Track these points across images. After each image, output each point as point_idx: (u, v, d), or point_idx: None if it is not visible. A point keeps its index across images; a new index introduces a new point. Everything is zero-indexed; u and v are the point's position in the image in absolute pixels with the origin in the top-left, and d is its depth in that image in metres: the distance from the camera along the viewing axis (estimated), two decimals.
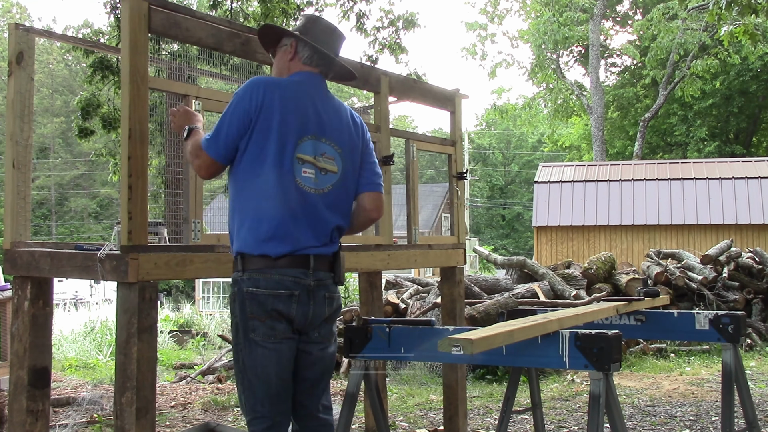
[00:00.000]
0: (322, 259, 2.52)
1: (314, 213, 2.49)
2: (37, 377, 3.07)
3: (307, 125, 2.49)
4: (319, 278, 2.51)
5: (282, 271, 2.44)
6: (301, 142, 2.47)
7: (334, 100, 2.64)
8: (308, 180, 2.48)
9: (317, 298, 2.51)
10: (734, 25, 8.15)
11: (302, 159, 2.47)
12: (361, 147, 2.66)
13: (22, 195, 3.20)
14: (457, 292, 4.52)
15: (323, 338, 2.58)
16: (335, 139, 2.56)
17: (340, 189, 2.57)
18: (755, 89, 26.83)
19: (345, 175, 2.58)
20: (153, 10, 2.78)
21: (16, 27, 3.21)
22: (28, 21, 41.08)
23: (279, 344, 2.45)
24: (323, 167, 2.52)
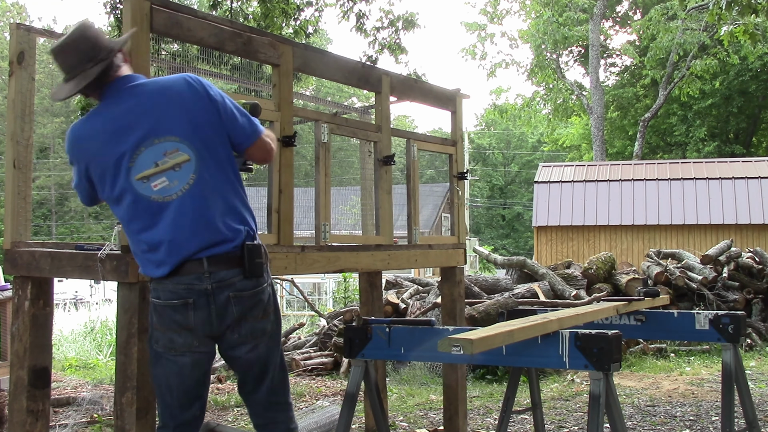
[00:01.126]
0: (219, 258, 2.34)
1: (191, 214, 2.33)
2: (38, 377, 3.07)
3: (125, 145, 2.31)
4: (219, 279, 2.34)
5: (175, 280, 2.34)
6: (132, 164, 2.32)
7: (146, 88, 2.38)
8: (165, 190, 2.32)
9: (219, 300, 2.35)
10: (734, 25, 8.15)
11: (145, 177, 2.31)
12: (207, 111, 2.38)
13: (22, 195, 3.20)
14: (457, 292, 4.52)
15: (245, 339, 2.42)
16: (162, 132, 2.32)
17: (207, 169, 2.36)
18: (755, 89, 26.83)
19: (201, 155, 2.35)
20: (155, 9, 2.78)
21: (18, 27, 3.21)
22: (28, 21, 41.08)
23: (180, 356, 2.37)
24: (174, 163, 2.32)
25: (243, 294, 2.38)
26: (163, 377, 2.42)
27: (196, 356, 2.40)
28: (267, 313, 2.46)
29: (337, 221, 24.36)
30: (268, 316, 2.47)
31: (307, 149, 29.18)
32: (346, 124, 3.90)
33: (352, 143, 31.16)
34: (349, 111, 5.62)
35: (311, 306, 11.67)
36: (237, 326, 2.40)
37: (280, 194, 3.26)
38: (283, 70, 3.33)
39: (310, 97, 13.31)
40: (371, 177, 4.29)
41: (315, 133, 3.56)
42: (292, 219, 3.32)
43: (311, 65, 3.61)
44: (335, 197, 14.84)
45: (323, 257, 3.49)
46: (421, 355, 2.96)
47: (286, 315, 16.74)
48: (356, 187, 26.60)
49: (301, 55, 3.49)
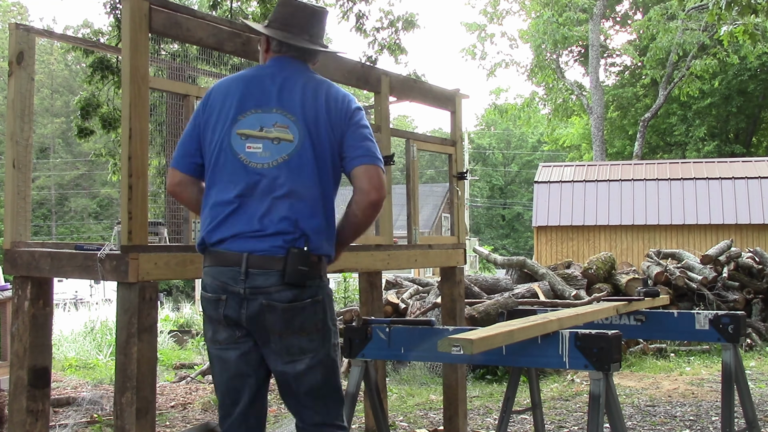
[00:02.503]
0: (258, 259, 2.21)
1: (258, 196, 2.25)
2: (37, 377, 3.07)
3: (248, 101, 2.33)
4: (255, 285, 2.20)
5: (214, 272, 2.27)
6: (241, 118, 2.31)
7: (303, 76, 2.43)
8: (253, 155, 2.28)
9: (252, 307, 2.23)
10: (734, 25, 8.15)
11: (245, 134, 2.30)
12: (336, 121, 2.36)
13: (22, 195, 3.20)
14: (457, 292, 4.52)
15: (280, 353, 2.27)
16: (287, 107, 2.32)
17: (300, 158, 2.29)
18: (754, 89, 26.83)
19: (304, 143, 2.30)
20: (154, 10, 2.78)
21: (17, 27, 3.21)
22: (29, 21, 41.08)
23: (224, 351, 2.32)
24: (276, 136, 2.29)
25: (278, 304, 2.22)
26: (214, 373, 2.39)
27: (243, 348, 2.30)
28: (308, 330, 2.26)
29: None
30: (310, 334, 2.27)
31: None
32: None
33: None
34: None
35: None
36: (270, 338, 2.26)
37: None
38: None
39: None
40: None
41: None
42: None
43: None
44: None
45: None
46: (421, 355, 2.96)
47: None
48: None
49: None
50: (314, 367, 2.30)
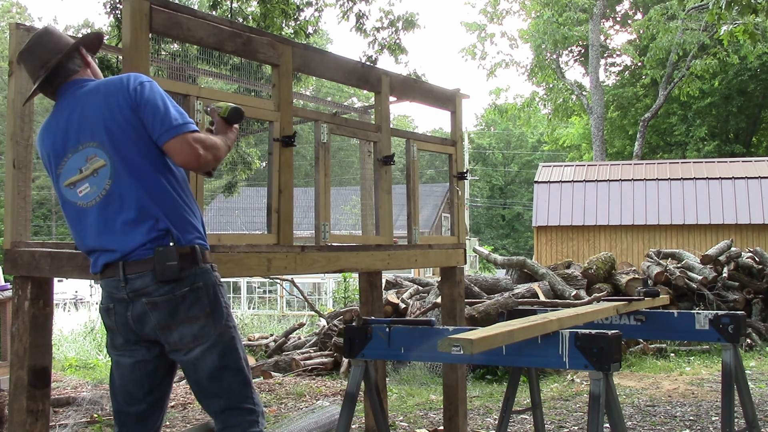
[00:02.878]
0: (133, 265, 2.31)
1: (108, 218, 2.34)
2: (37, 377, 3.06)
3: (59, 151, 2.41)
4: (135, 288, 2.31)
5: (103, 284, 2.41)
6: (61, 170, 2.41)
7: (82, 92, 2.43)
8: (86, 196, 2.36)
9: (136, 308, 2.33)
10: (734, 25, 8.15)
11: (72, 183, 2.39)
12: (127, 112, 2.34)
13: (22, 195, 3.20)
14: (457, 292, 4.52)
15: (178, 345, 2.34)
16: (85, 136, 2.36)
17: (120, 176, 2.33)
18: (754, 89, 26.83)
19: (114, 160, 2.33)
20: (154, 9, 2.78)
21: (17, 27, 3.21)
22: (29, 21, 41.07)
23: (119, 356, 2.43)
24: (93, 169, 2.35)
25: (157, 300, 2.31)
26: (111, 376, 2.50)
27: (135, 354, 2.41)
28: (195, 317, 2.34)
29: (337, 221, 24.36)
30: (198, 320, 2.34)
31: (307, 149, 29.17)
32: (345, 124, 3.90)
33: (352, 143, 31.16)
34: (349, 111, 5.63)
35: (311, 306, 11.67)
36: (164, 333, 2.34)
37: (280, 194, 3.26)
38: (283, 70, 3.33)
39: (310, 97, 13.31)
40: (371, 177, 4.29)
41: (315, 133, 3.55)
42: (291, 219, 3.32)
43: (311, 65, 3.61)
44: (335, 197, 14.77)
45: (323, 257, 3.49)
46: (421, 355, 2.96)
47: (287, 315, 16.76)
48: (356, 187, 26.59)
49: (300, 55, 3.49)
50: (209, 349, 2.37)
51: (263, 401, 6.24)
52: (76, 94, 2.44)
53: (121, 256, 2.31)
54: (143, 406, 2.45)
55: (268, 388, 6.87)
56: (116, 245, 2.32)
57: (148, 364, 2.42)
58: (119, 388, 2.46)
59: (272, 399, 6.43)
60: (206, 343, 2.35)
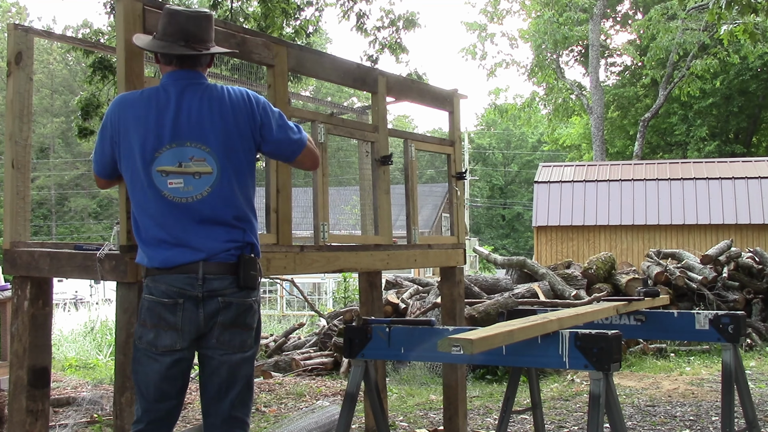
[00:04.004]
0: (214, 267, 2.42)
1: (193, 221, 2.42)
2: (37, 377, 3.06)
3: (163, 136, 2.42)
4: (211, 288, 2.41)
5: (169, 280, 2.40)
6: (158, 155, 2.42)
7: (205, 92, 2.50)
8: (176, 190, 2.41)
9: (208, 307, 2.42)
10: (734, 25, 8.15)
11: (165, 171, 2.41)
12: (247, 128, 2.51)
13: (21, 195, 3.20)
14: (457, 292, 4.51)
15: (224, 344, 2.46)
16: (200, 138, 2.44)
17: (222, 187, 2.45)
18: (755, 89, 26.83)
19: (224, 171, 2.46)
20: (147, 10, 2.78)
21: (15, 27, 3.21)
22: (28, 21, 41.08)
23: (161, 356, 2.43)
24: (195, 171, 2.43)
25: (232, 303, 2.44)
26: (142, 374, 2.47)
27: (176, 356, 2.44)
28: (250, 327, 2.51)
29: (336, 221, 24.34)
30: (251, 330, 2.52)
31: None
32: (343, 124, 3.90)
33: (351, 143, 31.16)
34: (347, 111, 5.62)
35: (311, 306, 11.67)
36: (221, 332, 2.45)
37: (278, 194, 3.26)
38: (278, 71, 3.33)
39: (309, 97, 13.31)
40: (370, 177, 4.29)
41: (312, 133, 3.55)
42: (290, 219, 3.32)
43: (306, 66, 3.60)
44: (335, 197, 14.65)
45: (322, 257, 3.49)
46: (421, 355, 2.96)
47: (287, 315, 16.75)
48: (356, 187, 26.61)
49: (295, 56, 3.49)
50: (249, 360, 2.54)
51: (263, 401, 6.24)
52: (199, 88, 2.49)
53: (205, 256, 2.40)
54: (174, 402, 2.50)
55: (268, 388, 6.87)
56: (202, 245, 2.41)
57: (185, 363, 2.47)
58: (152, 385, 2.45)
59: (272, 399, 6.43)
60: (248, 352, 2.51)
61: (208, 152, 2.44)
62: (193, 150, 2.43)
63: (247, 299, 2.47)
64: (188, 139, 2.43)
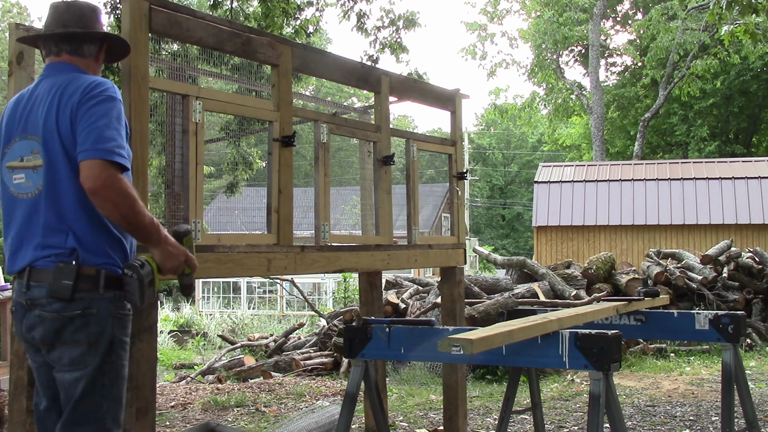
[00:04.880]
0: (37, 273, 2.23)
1: (31, 220, 2.27)
2: None
3: (13, 128, 2.33)
4: (32, 297, 2.23)
5: (15, 285, 2.34)
6: (8, 150, 2.32)
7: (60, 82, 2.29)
8: (20, 186, 2.29)
9: (29, 318, 2.27)
10: (735, 25, 8.15)
11: (11, 167, 2.31)
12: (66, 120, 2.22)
13: None
14: (457, 292, 4.52)
15: (55, 362, 2.26)
16: (34, 129, 2.27)
17: (52, 182, 2.24)
18: (755, 89, 26.81)
19: (50, 165, 2.24)
20: (153, 10, 2.78)
21: (17, 27, 3.20)
22: (29, 21, 41.07)
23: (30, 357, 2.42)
24: (33, 165, 2.27)
25: (47, 316, 2.22)
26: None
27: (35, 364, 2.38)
28: (79, 342, 2.22)
29: (337, 221, 24.34)
30: (81, 345, 2.23)
31: (307, 149, 29.17)
32: (345, 124, 3.90)
33: (352, 143, 31.16)
34: (349, 111, 5.62)
35: (311, 306, 11.68)
36: (47, 348, 2.27)
37: (280, 194, 3.26)
38: (282, 70, 3.33)
39: (310, 97, 13.32)
40: (371, 177, 4.29)
41: (314, 133, 3.55)
42: (291, 219, 3.32)
43: (310, 65, 3.61)
44: (335, 197, 14.67)
45: (323, 257, 3.49)
46: (421, 355, 2.96)
47: (287, 315, 16.76)
48: (356, 187, 26.61)
49: (300, 56, 3.49)
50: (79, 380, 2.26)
51: (264, 401, 6.24)
52: (58, 78, 2.31)
53: (30, 261, 2.25)
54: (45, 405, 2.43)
55: (268, 388, 6.87)
56: (30, 249, 2.27)
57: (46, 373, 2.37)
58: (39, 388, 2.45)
59: (272, 399, 6.43)
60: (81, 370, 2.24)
61: (39, 143, 2.25)
62: (31, 143, 2.27)
63: (64, 312, 2.20)
64: (28, 131, 2.29)
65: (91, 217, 2.23)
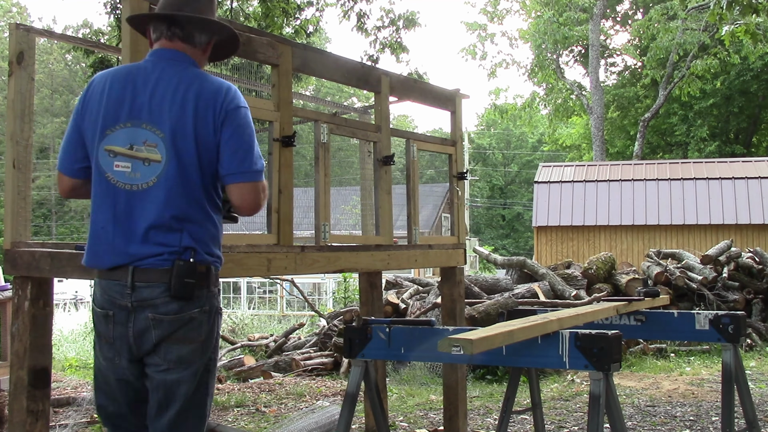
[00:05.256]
0: (148, 272, 2.15)
1: (134, 214, 2.16)
2: (37, 377, 3.06)
3: (120, 112, 2.19)
4: (142, 297, 2.15)
5: (104, 285, 2.21)
6: (110, 132, 2.18)
7: (177, 75, 2.24)
8: (121, 175, 2.17)
9: (138, 320, 2.16)
10: (735, 25, 8.15)
11: (113, 151, 2.17)
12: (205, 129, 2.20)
13: (22, 195, 3.19)
14: (457, 292, 4.51)
15: (161, 360, 2.19)
16: (156, 122, 2.18)
17: (168, 180, 2.17)
18: (756, 89, 26.82)
19: (170, 163, 2.17)
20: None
21: (17, 27, 3.21)
22: (29, 21, 41.08)
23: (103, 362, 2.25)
24: (146, 157, 2.17)
25: (165, 318, 2.17)
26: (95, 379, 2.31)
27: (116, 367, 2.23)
28: (191, 340, 2.21)
29: (337, 221, 24.35)
30: (193, 343, 2.21)
31: (307, 149, 29.18)
32: (345, 124, 3.90)
33: (352, 143, 31.15)
34: (349, 111, 5.63)
35: (311, 306, 11.67)
36: (156, 349, 2.19)
37: (280, 194, 3.26)
38: (283, 70, 3.33)
39: (310, 97, 13.31)
40: (371, 177, 4.29)
41: (314, 133, 3.55)
42: (291, 219, 3.32)
43: (310, 65, 3.60)
44: (335, 197, 14.66)
45: (323, 257, 3.49)
46: (421, 355, 2.96)
47: (287, 315, 16.75)
48: (356, 187, 26.59)
49: (300, 55, 3.49)
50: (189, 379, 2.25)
51: (263, 401, 6.24)
52: (178, 68, 2.25)
53: (133, 259, 2.16)
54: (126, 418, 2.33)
55: (268, 389, 6.87)
56: (133, 248, 2.16)
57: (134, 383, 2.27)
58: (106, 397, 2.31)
59: (272, 399, 6.43)
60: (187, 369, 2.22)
61: (161, 138, 2.17)
62: (147, 133, 2.17)
63: (183, 312, 2.17)
64: (145, 120, 2.18)
65: (205, 216, 2.24)
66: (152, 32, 2.34)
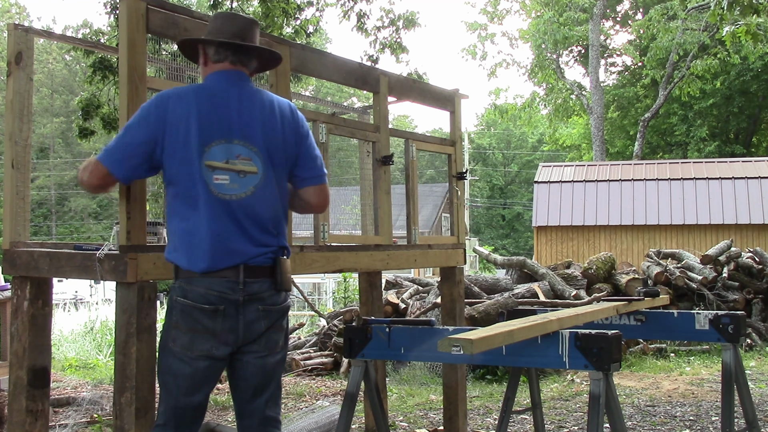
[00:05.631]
0: (254, 269, 2.44)
1: (238, 220, 2.42)
2: (37, 377, 3.06)
3: (213, 130, 2.42)
4: (252, 292, 2.42)
5: (207, 284, 2.38)
6: (208, 150, 2.40)
7: (255, 94, 2.55)
8: (222, 186, 2.41)
9: (248, 312, 2.43)
10: (736, 26, 8.14)
11: (212, 166, 2.40)
12: (291, 141, 2.57)
13: (21, 195, 3.20)
14: (457, 292, 4.51)
15: (261, 347, 2.50)
16: (248, 138, 2.46)
17: (265, 189, 2.48)
18: (756, 89, 26.81)
19: (267, 174, 2.49)
20: (151, 10, 2.78)
21: (16, 27, 3.21)
22: (28, 21, 41.08)
23: (195, 361, 2.39)
24: (241, 170, 2.44)
25: (271, 309, 2.49)
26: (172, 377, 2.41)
27: (211, 362, 2.42)
28: (283, 327, 2.58)
29: (337, 221, 24.34)
30: (285, 330, 2.59)
31: None
32: (344, 124, 3.89)
33: (352, 143, 31.15)
34: (348, 111, 5.62)
35: (311, 306, 11.66)
36: (259, 337, 2.49)
37: None
38: (280, 71, 3.33)
39: (309, 97, 13.31)
40: (370, 177, 4.29)
41: (313, 133, 3.55)
42: (291, 219, 3.31)
43: (309, 65, 3.60)
44: (335, 197, 14.67)
45: (322, 257, 3.49)
46: (421, 355, 2.95)
47: None
48: (356, 187, 26.59)
49: (298, 56, 3.49)
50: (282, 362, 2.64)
51: None
52: (250, 89, 2.55)
53: (244, 259, 2.41)
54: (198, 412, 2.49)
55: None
56: (241, 248, 2.42)
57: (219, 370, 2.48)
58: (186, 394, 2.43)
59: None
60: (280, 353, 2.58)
61: (255, 152, 2.46)
62: (241, 148, 2.44)
63: (285, 303, 2.54)
64: (237, 137, 2.44)
65: (286, 218, 2.64)
66: (212, 54, 2.55)
